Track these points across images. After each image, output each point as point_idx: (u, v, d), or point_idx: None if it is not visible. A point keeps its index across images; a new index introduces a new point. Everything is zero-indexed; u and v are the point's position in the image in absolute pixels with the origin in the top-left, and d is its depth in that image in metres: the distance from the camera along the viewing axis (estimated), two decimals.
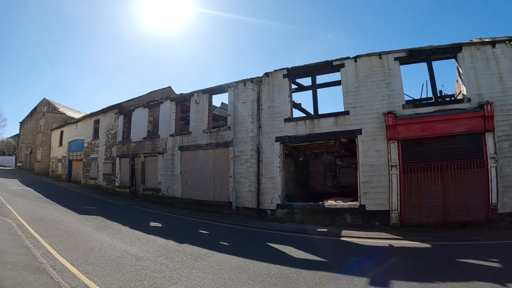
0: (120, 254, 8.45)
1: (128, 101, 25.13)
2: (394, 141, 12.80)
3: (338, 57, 14.47)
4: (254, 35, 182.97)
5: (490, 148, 12.04)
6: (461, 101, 13.09)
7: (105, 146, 25.89)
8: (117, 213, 15.52)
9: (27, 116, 47.32)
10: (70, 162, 32.95)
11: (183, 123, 20.58)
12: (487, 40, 13.30)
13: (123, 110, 24.04)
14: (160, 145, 19.76)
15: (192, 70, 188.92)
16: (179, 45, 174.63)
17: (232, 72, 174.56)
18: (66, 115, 39.71)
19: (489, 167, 11.94)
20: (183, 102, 19.70)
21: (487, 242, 10.12)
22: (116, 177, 23.70)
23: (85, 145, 29.41)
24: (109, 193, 23.86)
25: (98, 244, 9.44)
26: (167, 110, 19.75)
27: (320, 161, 21.86)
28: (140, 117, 21.90)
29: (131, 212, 16.43)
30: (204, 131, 17.53)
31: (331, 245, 10.35)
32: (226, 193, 16.24)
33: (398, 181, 12.57)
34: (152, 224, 13.38)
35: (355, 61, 14.10)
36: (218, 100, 30.23)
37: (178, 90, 26.41)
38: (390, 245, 10.26)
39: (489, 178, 11.87)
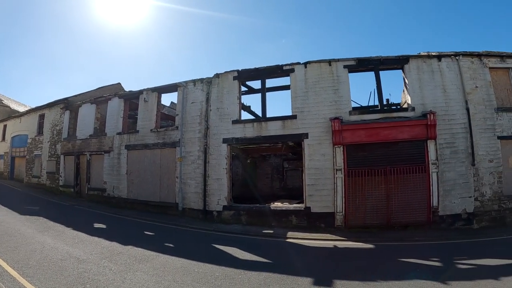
0: (63, 257, 8.19)
1: (76, 96, 23.84)
2: (339, 145, 13.15)
3: (289, 62, 14.61)
4: (212, 32, 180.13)
5: (432, 155, 12.75)
6: (405, 109, 13.76)
7: (49, 143, 24.40)
8: (61, 214, 14.72)
9: None
10: (13, 158, 30.76)
11: (131, 122, 19.89)
12: (434, 54, 14.03)
13: (70, 105, 22.75)
14: (107, 143, 18.96)
15: (147, 66, 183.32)
16: (133, 41, 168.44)
17: (187, 69, 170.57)
18: (10, 108, 37.17)
19: (430, 172, 12.64)
20: (132, 99, 19.10)
21: (428, 243, 10.71)
22: (60, 176, 22.41)
23: (29, 141, 27.54)
24: (53, 192, 22.51)
25: (40, 246, 9.09)
26: (115, 107, 19.03)
27: (268, 164, 21.97)
28: (87, 114, 20.88)
29: (75, 213, 15.67)
30: (151, 130, 17.07)
31: (276, 247, 10.48)
32: (173, 194, 15.88)
33: (343, 184, 12.94)
34: (96, 225, 12.87)
35: (305, 67, 14.35)
36: (168, 99, 29.64)
37: (131, 87, 25.59)
38: (335, 246, 10.52)
39: (431, 183, 12.57)
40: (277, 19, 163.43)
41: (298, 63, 14.42)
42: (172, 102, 24.86)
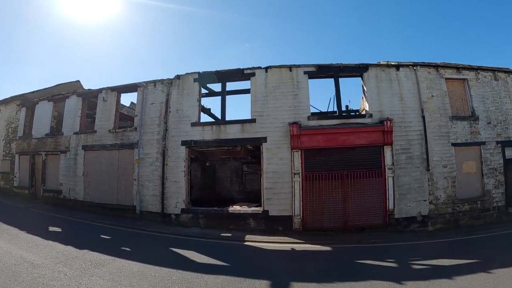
0: (16, 261, 7.88)
1: (33, 92, 22.58)
2: (297, 150, 13.34)
3: (250, 66, 14.66)
4: (185, 28, 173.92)
5: (388, 160, 13.17)
6: (363, 116, 14.12)
7: (4, 141, 23.08)
8: (15, 217, 14.11)
9: None
10: None
11: (89, 121, 19.25)
12: (393, 63, 14.50)
13: (27, 102, 21.68)
14: (63, 143, 18.23)
15: (114, 64, 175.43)
16: (98, 36, 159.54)
17: (158, 67, 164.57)
18: None
19: (386, 177, 13.06)
20: (90, 98, 18.43)
21: (384, 244, 11.02)
22: (15, 176, 21.31)
23: None
24: (7, 193, 21.39)
25: None
26: (73, 106, 18.32)
27: (227, 167, 21.87)
28: (44, 111, 19.99)
29: (29, 216, 15.03)
30: (110, 130, 16.57)
31: (234, 250, 10.50)
32: (130, 197, 15.49)
33: (301, 188, 13.14)
34: (52, 228, 12.33)
35: (266, 72, 14.49)
36: (128, 99, 28.93)
37: (95, 86, 24.68)
38: (293, 249, 10.62)
39: (387, 187, 12.99)
40: (248, 14, 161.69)
41: (259, 67, 14.54)
42: (132, 102, 24.28)
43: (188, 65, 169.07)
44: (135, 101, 18.10)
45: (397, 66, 14.36)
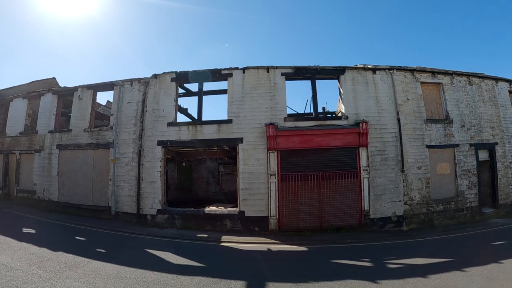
0: None
1: (7, 89, 21.94)
2: (274, 151, 13.39)
3: (228, 67, 14.67)
4: (166, 28, 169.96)
5: (363, 161, 13.39)
6: (339, 118, 14.28)
7: None
8: None
9: None
10: None
11: (64, 120, 18.85)
12: (370, 66, 14.71)
13: (1, 99, 21.02)
14: (38, 142, 17.79)
15: (92, 61, 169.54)
16: (78, 33, 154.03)
17: (135, 66, 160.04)
18: None
19: (362, 178, 13.27)
20: (66, 96, 18.04)
21: (360, 244, 11.18)
22: None
23: None
24: None
25: None
26: (48, 104, 17.87)
27: (203, 167, 21.86)
28: (18, 109, 19.50)
29: (2, 217, 14.73)
30: (85, 129, 16.23)
31: (211, 251, 10.47)
32: (105, 197, 15.24)
33: (277, 189, 13.21)
34: (25, 230, 12.07)
35: (243, 72, 14.49)
36: (105, 97, 28.47)
37: (70, 83, 24.11)
38: (269, 249, 10.68)
39: (362, 188, 13.20)
40: (231, 9, 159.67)
41: (237, 68, 14.53)
42: (108, 101, 23.94)
43: (168, 63, 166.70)
44: (111, 100, 17.82)
45: (374, 70, 14.61)
